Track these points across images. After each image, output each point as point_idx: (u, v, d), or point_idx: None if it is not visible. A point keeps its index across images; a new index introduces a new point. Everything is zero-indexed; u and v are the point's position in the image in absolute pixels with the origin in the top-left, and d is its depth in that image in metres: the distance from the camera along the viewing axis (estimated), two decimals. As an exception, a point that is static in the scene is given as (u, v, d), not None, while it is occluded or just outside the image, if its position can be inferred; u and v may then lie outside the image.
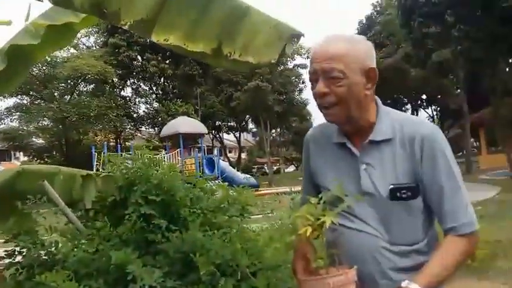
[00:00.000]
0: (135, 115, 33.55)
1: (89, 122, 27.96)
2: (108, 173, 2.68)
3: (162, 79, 33.94)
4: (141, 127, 34.68)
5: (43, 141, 30.92)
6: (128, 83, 33.52)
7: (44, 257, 2.41)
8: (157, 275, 2.18)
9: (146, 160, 2.68)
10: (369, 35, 32.62)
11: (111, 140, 32.60)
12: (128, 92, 34.36)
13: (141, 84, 34.03)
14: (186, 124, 22.23)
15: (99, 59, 27.48)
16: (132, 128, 33.68)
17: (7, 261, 2.47)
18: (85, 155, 24.11)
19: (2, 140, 29.67)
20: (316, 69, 1.49)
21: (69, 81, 28.54)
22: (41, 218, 2.62)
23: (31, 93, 29.01)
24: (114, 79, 30.57)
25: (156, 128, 32.84)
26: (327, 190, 1.63)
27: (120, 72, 30.51)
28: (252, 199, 2.73)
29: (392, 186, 1.51)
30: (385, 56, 31.06)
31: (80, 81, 29.10)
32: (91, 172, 2.68)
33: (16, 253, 2.49)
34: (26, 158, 35.44)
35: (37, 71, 28.10)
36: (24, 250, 2.46)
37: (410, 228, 1.54)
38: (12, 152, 34.67)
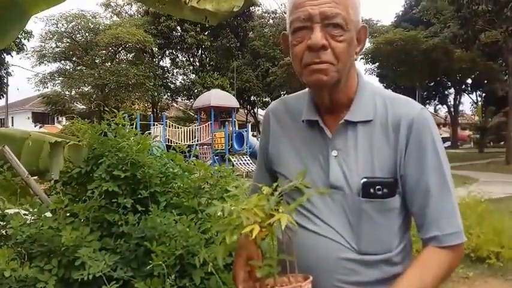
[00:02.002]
0: (172, 86, 33.64)
1: (127, 90, 28.20)
2: (79, 141, 2.41)
3: (199, 51, 33.74)
4: (177, 98, 34.83)
5: (84, 107, 31.51)
6: (167, 53, 33.46)
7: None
8: (107, 264, 1.92)
9: (117, 131, 2.39)
10: (415, 12, 31.22)
11: (148, 109, 32.89)
12: (166, 62, 34.44)
13: (179, 55, 33.93)
14: (218, 97, 21.92)
15: (139, 28, 27.52)
16: (168, 98, 33.86)
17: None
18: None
19: (45, 104, 30.41)
20: (313, 14, 1.15)
21: (110, 48, 28.80)
22: None
23: (73, 59, 29.54)
24: (153, 48, 30.62)
25: (191, 100, 32.85)
26: (285, 179, 1.31)
27: (160, 42, 30.44)
28: (234, 181, 2.41)
29: (365, 179, 1.20)
30: (431, 35, 29.59)
31: (120, 49, 29.41)
32: (59, 139, 2.42)
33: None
34: (68, 122, 36.36)
35: (80, 37, 28.52)
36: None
37: (383, 233, 1.23)
38: (54, 116, 35.46)
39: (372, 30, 33.37)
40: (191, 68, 34.85)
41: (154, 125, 21.58)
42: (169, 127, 21.80)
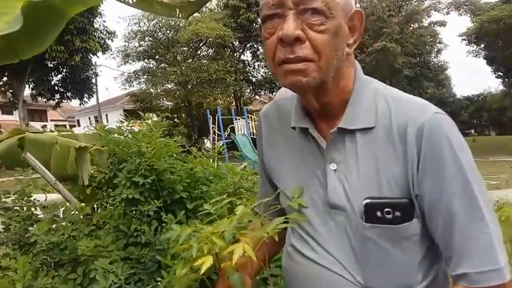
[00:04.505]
0: (253, 79, 33.78)
1: (209, 86, 28.82)
2: (102, 146, 2.32)
3: (280, 42, 33.49)
4: (259, 91, 34.95)
5: (170, 103, 32.79)
6: (247, 46, 33.68)
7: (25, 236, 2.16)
8: (119, 277, 1.79)
9: (141, 134, 2.26)
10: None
11: (231, 104, 33.41)
12: (247, 55, 34.69)
13: (260, 47, 34.00)
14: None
15: (219, 22, 27.92)
16: (250, 92, 34.11)
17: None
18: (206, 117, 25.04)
19: (134, 102, 32.04)
20: None
21: (190, 45, 29.58)
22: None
23: (156, 57, 30.75)
24: (233, 42, 30.96)
25: (274, 93, 32.79)
26: (284, 196, 1.12)
27: (240, 35, 30.67)
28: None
29: (368, 200, 0.95)
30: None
31: (201, 44, 30.05)
32: (84, 144, 2.35)
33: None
34: (156, 118, 38.01)
35: (161, 35, 29.60)
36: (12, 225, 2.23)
37: (398, 266, 0.98)
38: (144, 113, 37.43)
39: (474, 8, 30.89)
40: (270, 63, 34.67)
41: (236, 119, 21.84)
42: (253, 121, 21.94)
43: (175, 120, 30.98)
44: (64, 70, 26.32)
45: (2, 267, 1.95)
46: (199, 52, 31.22)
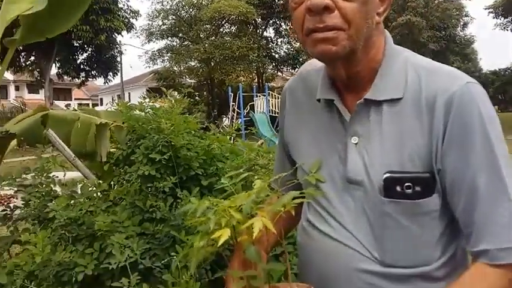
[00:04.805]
0: (276, 56, 33.50)
1: (232, 63, 28.70)
2: (123, 123, 2.33)
3: (303, 18, 33.06)
4: (282, 68, 34.67)
5: (193, 81, 32.86)
6: (270, 22, 33.29)
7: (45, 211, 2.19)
8: (134, 252, 1.81)
9: (162, 110, 2.26)
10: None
11: (254, 81, 33.27)
12: (269, 32, 34.35)
13: (283, 24, 33.55)
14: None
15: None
16: (273, 68, 33.87)
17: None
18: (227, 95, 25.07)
19: (157, 80, 32.22)
20: None
21: (213, 22, 29.43)
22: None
23: (179, 35, 30.76)
24: (256, 19, 30.66)
25: (296, 69, 32.46)
26: (303, 171, 1.11)
27: (262, 12, 30.31)
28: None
29: (387, 174, 0.95)
30: None
31: (223, 22, 29.86)
32: (105, 121, 2.36)
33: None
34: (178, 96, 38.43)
35: (184, 13, 29.56)
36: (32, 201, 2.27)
37: (416, 242, 0.98)
38: (167, 90, 37.81)
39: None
40: (295, 36, 34.29)
41: (257, 96, 21.73)
42: (274, 98, 21.80)
43: (197, 98, 31.10)
44: (89, 49, 26.85)
45: (22, 242, 1.99)
46: (221, 29, 31.09)
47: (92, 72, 28.34)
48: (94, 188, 2.17)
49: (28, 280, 1.93)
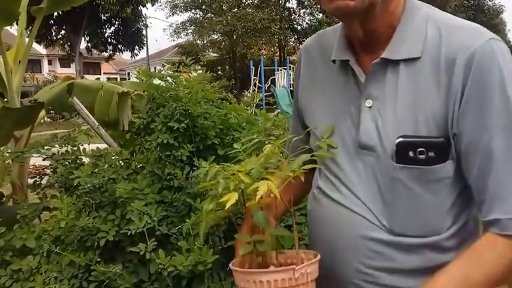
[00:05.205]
0: (298, 27, 32.98)
1: (254, 36, 28.39)
2: (143, 92, 2.37)
3: (326, -13, 32.29)
4: (304, 40, 34.04)
5: (216, 55, 32.73)
6: (293, -7, 32.69)
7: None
8: (152, 219, 1.88)
9: (180, 78, 2.28)
10: None
11: (275, 54, 32.92)
12: (292, 2, 33.74)
13: (306, -6, 32.91)
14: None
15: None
16: (295, 41, 33.39)
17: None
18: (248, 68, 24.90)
19: (181, 54, 32.19)
20: None
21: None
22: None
23: (203, 7, 30.54)
24: (279, -11, 30.18)
25: (319, 42, 31.91)
26: (315, 136, 1.09)
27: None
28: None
29: (401, 139, 0.91)
30: None
31: (246, -8, 29.49)
32: (126, 89, 2.41)
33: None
34: (200, 71, 38.46)
35: (207, -15, 29.28)
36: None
37: (427, 210, 0.94)
38: (190, 65, 37.88)
39: None
40: (318, 6, 33.64)
41: (278, 69, 21.53)
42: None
43: (219, 72, 31.03)
44: (116, 22, 27.18)
45: (51, 208, 2.08)
46: (244, 1, 30.68)
47: (119, 46, 28.83)
48: (116, 157, 2.23)
49: (54, 245, 2.03)
